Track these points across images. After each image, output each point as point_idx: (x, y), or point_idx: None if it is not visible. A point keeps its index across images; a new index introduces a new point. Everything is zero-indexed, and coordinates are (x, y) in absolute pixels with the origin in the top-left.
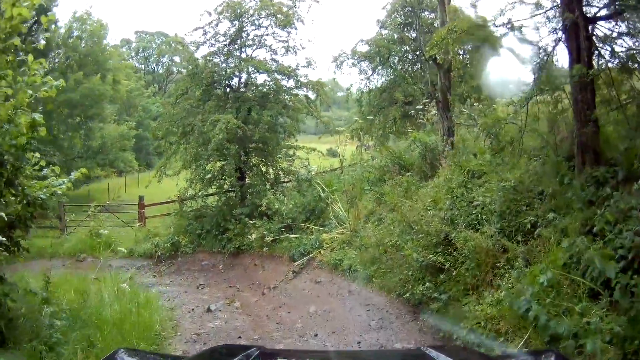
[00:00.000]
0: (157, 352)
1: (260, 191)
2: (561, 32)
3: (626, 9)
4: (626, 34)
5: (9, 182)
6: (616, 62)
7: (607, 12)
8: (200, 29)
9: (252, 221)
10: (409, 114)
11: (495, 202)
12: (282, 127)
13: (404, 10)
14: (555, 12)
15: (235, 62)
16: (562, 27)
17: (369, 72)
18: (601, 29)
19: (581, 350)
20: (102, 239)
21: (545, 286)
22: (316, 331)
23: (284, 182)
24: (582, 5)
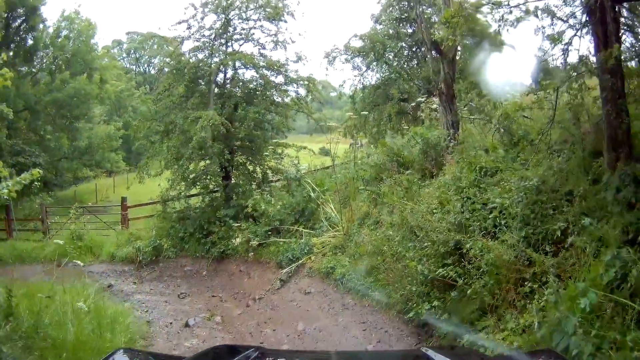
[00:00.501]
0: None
1: (246, 191)
2: (584, 14)
3: None
4: None
5: None
6: None
7: None
8: (184, 22)
9: (237, 223)
10: (404, 111)
11: (516, 205)
12: (270, 124)
13: (400, 4)
14: None
15: (220, 57)
16: (585, 9)
17: (363, 68)
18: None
19: None
20: (82, 243)
21: (587, 312)
22: None
23: (272, 181)
24: None
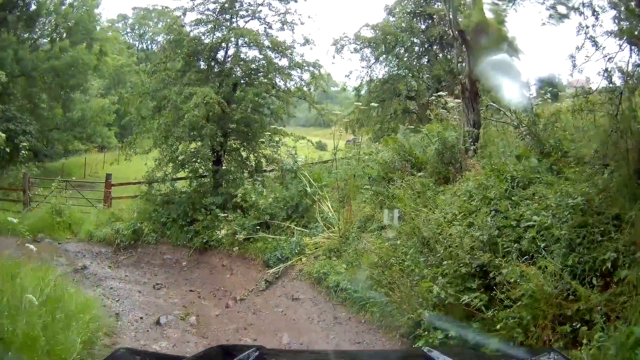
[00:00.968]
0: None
1: (236, 179)
2: None
3: None
4: None
5: None
6: None
7: None
8: None
9: (224, 214)
10: (410, 109)
11: (559, 225)
12: (269, 109)
13: None
14: None
15: (223, 32)
16: None
17: (372, 60)
18: None
19: None
20: (61, 219)
21: None
22: None
23: (266, 171)
24: None
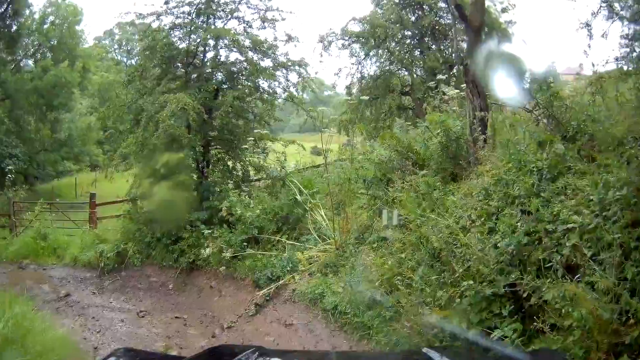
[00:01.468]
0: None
1: (222, 191)
2: None
3: None
4: None
5: None
6: None
7: None
8: None
9: (209, 230)
10: (405, 105)
11: (607, 226)
12: (253, 113)
13: None
14: None
15: (200, 35)
16: None
17: (362, 55)
18: None
19: None
20: (46, 243)
21: None
22: None
23: (254, 180)
24: None
